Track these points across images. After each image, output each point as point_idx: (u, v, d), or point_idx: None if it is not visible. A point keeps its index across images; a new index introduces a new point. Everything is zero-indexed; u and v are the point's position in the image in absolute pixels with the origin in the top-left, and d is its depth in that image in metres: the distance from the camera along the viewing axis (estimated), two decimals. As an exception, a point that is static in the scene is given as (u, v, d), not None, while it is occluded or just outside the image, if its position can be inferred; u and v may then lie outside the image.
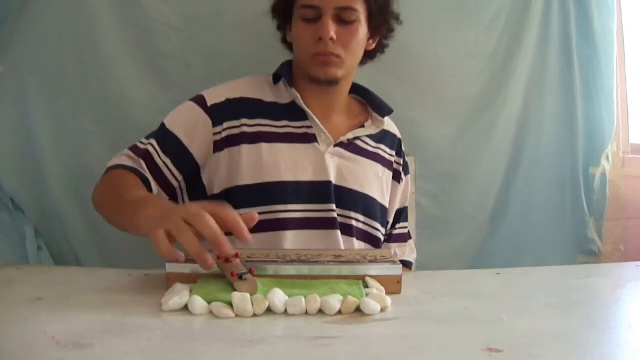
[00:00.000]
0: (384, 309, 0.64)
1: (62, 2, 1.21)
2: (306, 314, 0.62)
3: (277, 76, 1.02)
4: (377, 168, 1.06)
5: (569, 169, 1.50)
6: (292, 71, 1.04)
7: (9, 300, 0.66)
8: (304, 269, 0.71)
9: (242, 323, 0.59)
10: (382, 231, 1.06)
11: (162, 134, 0.96)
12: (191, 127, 0.96)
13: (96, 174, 1.20)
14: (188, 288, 0.66)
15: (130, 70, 1.26)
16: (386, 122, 1.08)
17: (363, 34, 0.99)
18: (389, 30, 1.07)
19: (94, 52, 1.23)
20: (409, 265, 1.13)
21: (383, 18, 1.03)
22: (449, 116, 1.42)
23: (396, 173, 1.11)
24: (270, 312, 0.62)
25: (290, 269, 0.71)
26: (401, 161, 1.13)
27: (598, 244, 1.51)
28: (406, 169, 1.15)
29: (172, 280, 0.69)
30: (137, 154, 0.94)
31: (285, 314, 0.62)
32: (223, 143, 0.97)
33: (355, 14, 0.96)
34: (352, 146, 1.03)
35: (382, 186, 1.06)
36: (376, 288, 0.69)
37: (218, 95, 0.99)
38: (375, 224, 1.03)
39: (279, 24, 1.07)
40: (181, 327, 0.58)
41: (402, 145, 1.14)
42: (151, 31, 1.25)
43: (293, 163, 0.97)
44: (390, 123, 1.12)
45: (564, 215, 1.50)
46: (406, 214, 1.16)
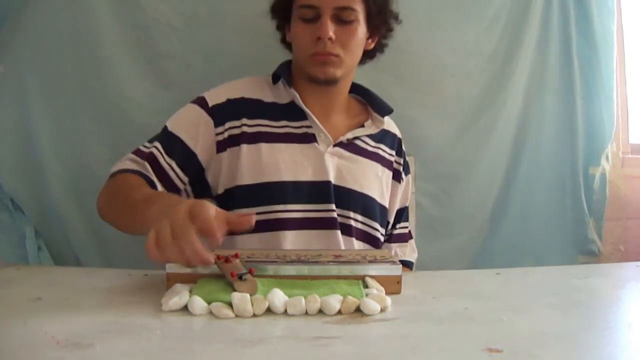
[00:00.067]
0: (383, 309, 0.64)
1: (62, 2, 1.21)
2: (306, 314, 0.62)
3: (276, 76, 1.02)
4: (377, 168, 1.06)
5: (569, 169, 1.50)
6: (291, 71, 1.04)
7: (9, 300, 0.67)
8: (304, 269, 0.72)
9: (242, 323, 0.59)
10: (382, 231, 1.06)
11: (166, 137, 0.95)
12: (194, 128, 0.96)
13: (96, 174, 1.21)
14: (188, 288, 0.66)
15: (130, 70, 1.26)
16: (386, 121, 1.08)
17: (362, 34, 0.99)
18: (387, 30, 1.07)
19: (94, 52, 1.23)
20: (409, 265, 1.13)
21: (382, 18, 1.03)
22: (448, 115, 1.42)
23: (396, 173, 1.11)
24: (270, 312, 0.62)
25: (290, 269, 0.71)
26: (401, 161, 1.12)
27: (598, 244, 1.51)
28: (406, 169, 1.14)
29: (172, 281, 0.69)
30: (141, 157, 0.93)
31: (285, 314, 0.62)
32: (225, 143, 0.97)
33: (354, 14, 0.96)
34: (351, 146, 1.03)
35: (381, 186, 1.06)
36: (376, 288, 0.69)
37: (219, 96, 0.99)
38: (374, 224, 1.03)
39: (278, 23, 1.07)
40: (181, 327, 0.58)
41: (403, 145, 1.14)
42: (151, 31, 1.25)
43: (293, 163, 0.97)
44: (390, 122, 1.12)
45: (564, 215, 1.50)
46: (407, 214, 1.16)
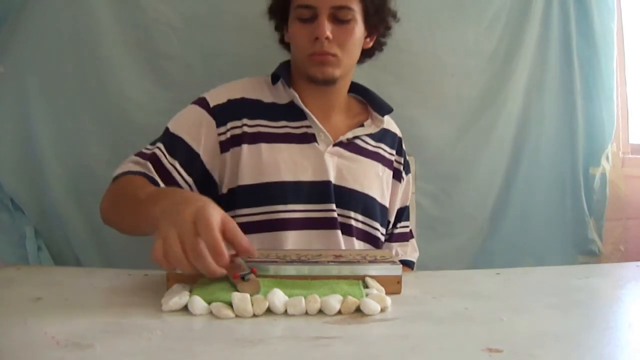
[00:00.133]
0: (383, 309, 0.64)
1: (62, 2, 1.21)
2: (306, 314, 0.62)
3: (276, 76, 1.02)
4: (377, 167, 1.06)
5: (569, 169, 1.50)
6: (290, 71, 1.04)
7: (9, 300, 0.66)
8: (304, 269, 0.71)
9: (242, 323, 0.59)
10: (382, 231, 1.06)
11: (168, 138, 0.95)
12: (196, 129, 0.95)
13: (96, 174, 1.21)
14: (188, 288, 0.66)
15: (130, 70, 1.26)
16: (386, 120, 1.08)
17: (360, 33, 0.99)
18: (386, 29, 1.06)
19: (94, 52, 1.23)
20: (410, 265, 1.13)
21: (380, 16, 1.02)
22: (448, 115, 1.43)
23: (396, 172, 1.11)
24: (270, 313, 0.62)
25: (290, 269, 0.71)
26: (402, 160, 1.12)
27: (598, 244, 1.51)
28: (407, 168, 1.14)
29: (172, 281, 0.69)
30: (144, 158, 0.93)
31: (285, 314, 0.62)
32: (228, 143, 0.97)
33: (351, 13, 0.96)
34: (351, 145, 1.03)
35: (382, 185, 1.06)
36: (376, 288, 0.69)
37: (219, 96, 0.99)
38: (374, 224, 1.03)
39: (276, 24, 1.07)
40: (181, 328, 0.58)
41: (403, 144, 1.14)
42: (151, 31, 1.25)
43: (293, 163, 0.97)
44: (390, 122, 1.12)
45: (564, 215, 1.50)
46: (407, 213, 1.16)
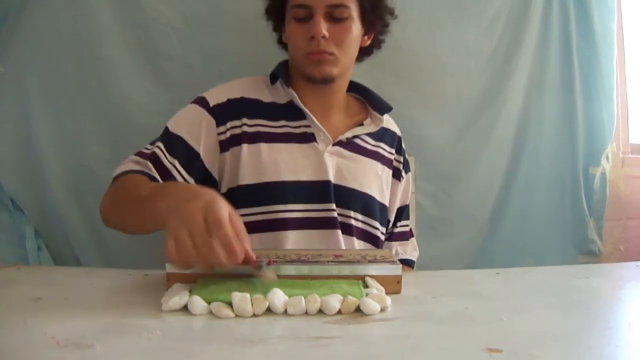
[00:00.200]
0: (383, 309, 0.64)
1: (62, 2, 1.20)
2: (306, 314, 0.62)
3: (274, 76, 1.02)
4: (377, 166, 1.06)
5: (569, 169, 1.50)
6: (289, 71, 1.04)
7: (9, 300, 0.67)
8: (304, 269, 0.71)
9: (242, 323, 0.59)
10: (382, 230, 1.06)
11: (167, 138, 0.95)
12: (196, 128, 0.95)
13: (96, 174, 1.21)
14: (188, 288, 0.66)
15: (130, 70, 1.26)
16: (385, 119, 1.08)
17: (356, 31, 0.99)
18: (383, 26, 1.06)
19: (94, 52, 1.23)
20: (410, 264, 1.13)
21: (376, 13, 1.02)
22: (448, 115, 1.42)
23: (396, 171, 1.11)
24: (270, 312, 0.62)
25: (290, 269, 0.71)
26: (401, 159, 1.12)
27: (598, 244, 1.51)
28: (406, 167, 1.14)
29: (172, 281, 0.69)
30: (143, 157, 0.93)
31: (285, 314, 0.62)
32: (227, 143, 0.96)
33: (347, 11, 0.96)
34: (351, 145, 1.03)
35: (381, 185, 1.06)
36: (376, 288, 0.69)
37: (219, 96, 0.98)
38: (374, 223, 1.03)
39: (273, 25, 1.07)
40: (181, 327, 0.58)
41: (402, 143, 1.14)
42: (151, 31, 1.25)
43: (292, 163, 0.97)
44: (389, 121, 1.12)
45: (564, 215, 1.50)
46: (407, 212, 1.16)
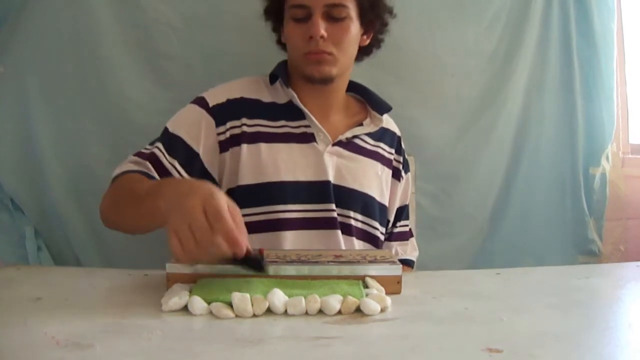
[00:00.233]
0: (383, 309, 0.64)
1: (62, 2, 1.20)
2: (306, 314, 0.62)
3: (274, 76, 1.02)
4: (377, 166, 1.06)
5: (569, 169, 1.50)
6: (288, 71, 1.04)
7: (9, 300, 0.67)
8: (304, 269, 0.72)
9: (242, 323, 0.59)
10: (381, 230, 1.06)
11: (167, 138, 0.95)
12: (195, 128, 0.95)
13: (96, 174, 1.21)
14: (188, 288, 0.66)
15: (130, 70, 1.26)
16: (385, 119, 1.08)
17: (355, 30, 0.99)
18: (382, 25, 1.06)
19: (94, 52, 1.23)
20: (410, 264, 1.13)
21: (375, 12, 1.02)
22: (448, 115, 1.42)
23: (396, 171, 1.11)
24: (270, 313, 0.62)
25: (290, 269, 0.71)
26: (401, 159, 1.12)
27: (598, 244, 1.51)
28: (406, 167, 1.14)
29: (172, 281, 0.69)
30: (143, 158, 0.93)
31: (285, 314, 0.62)
32: (227, 143, 0.96)
33: (345, 11, 0.95)
34: (350, 145, 1.03)
35: (381, 185, 1.06)
36: (376, 288, 0.69)
37: (218, 96, 0.98)
38: (373, 223, 1.03)
39: (273, 25, 1.07)
40: (181, 328, 0.58)
41: (402, 143, 1.14)
42: (151, 31, 1.25)
43: (292, 163, 0.97)
44: (389, 121, 1.12)
45: (564, 215, 1.50)
46: (407, 212, 1.16)
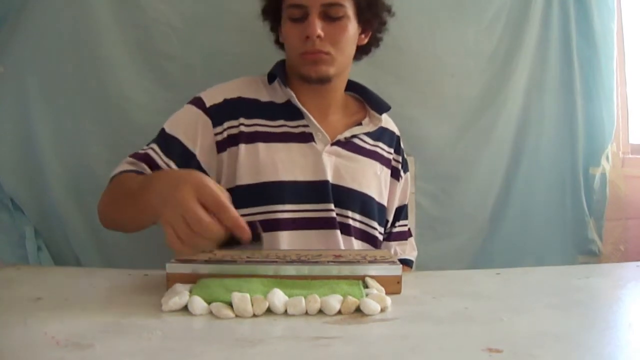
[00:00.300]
0: (383, 309, 0.64)
1: (62, 2, 1.20)
2: (306, 314, 0.62)
3: (272, 75, 1.02)
4: (375, 166, 1.06)
5: (569, 169, 1.50)
6: (286, 70, 1.04)
7: (9, 301, 0.66)
8: (304, 269, 0.71)
9: (242, 323, 0.59)
10: (380, 230, 1.05)
11: (163, 139, 0.95)
12: (192, 129, 0.95)
13: (96, 174, 1.21)
14: (188, 288, 0.66)
15: (130, 70, 1.26)
16: (384, 119, 1.08)
17: (353, 30, 0.98)
18: (380, 24, 1.05)
19: (94, 52, 1.23)
20: (409, 264, 1.13)
21: (373, 11, 1.01)
22: (448, 115, 1.42)
23: (394, 171, 1.11)
24: (270, 313, 0.62)
25: (290, 269, 0.71)
26: (400, 159, 1.12)
27: (598, 244, 1.51)
28: (405, 167, 1.14)
29: (172, 281, 0.69)
30: (138, 159, 0.93)
31: (285, 314, 0.62)
32: (224, 143, 0.96)
33: (343, 10, 0.95)
34: (349, 144, 1.03)
35: (380, 184, 1.06)
36: (376, 288, 0.69)
37: (215, 96, 0.99)
38: (372, 223, 1.03)
39: (271, 25, 1.07)
40: (181, 328, 0.58)
41: (401, 143, 1.14)
42: (151, 31, 1.25)
43: (290, 163, 0.97)
44: (388, 120, 1.12)
45: (564, 215, 1.50)
46: (406, 212, 1.16)
